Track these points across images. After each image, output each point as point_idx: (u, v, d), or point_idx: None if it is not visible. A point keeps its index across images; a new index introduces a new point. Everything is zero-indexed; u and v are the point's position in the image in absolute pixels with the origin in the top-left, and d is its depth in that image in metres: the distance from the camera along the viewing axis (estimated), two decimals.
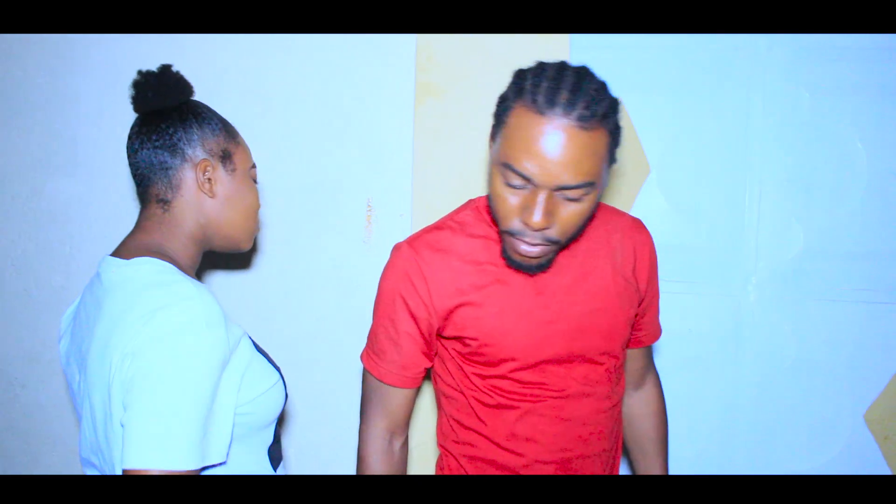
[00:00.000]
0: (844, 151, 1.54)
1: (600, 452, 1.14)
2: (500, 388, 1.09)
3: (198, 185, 1.00)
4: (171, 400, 0.81)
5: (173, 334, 0.84)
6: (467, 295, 1.06)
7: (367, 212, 1.58)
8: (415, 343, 1.10)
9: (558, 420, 1.10)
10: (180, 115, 1.01)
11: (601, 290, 1.09)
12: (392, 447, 1.14)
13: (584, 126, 0.90)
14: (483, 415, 1.11)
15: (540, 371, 1.08)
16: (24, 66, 1.70)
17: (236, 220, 1.05)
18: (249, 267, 1.65)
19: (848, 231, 1.54)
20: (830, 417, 1.57)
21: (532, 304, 1.06)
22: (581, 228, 0.99)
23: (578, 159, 0.90)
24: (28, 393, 1.76)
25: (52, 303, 1.73)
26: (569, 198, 0.93)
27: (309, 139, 1.60)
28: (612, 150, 0.96)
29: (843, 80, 1.53)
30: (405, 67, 1.54)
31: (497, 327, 1.06)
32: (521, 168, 0.92)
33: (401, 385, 1.12)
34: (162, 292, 0.87)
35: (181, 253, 1.00)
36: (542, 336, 1.07)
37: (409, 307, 1.08)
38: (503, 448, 1.11)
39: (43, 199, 1.72)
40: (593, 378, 1.11)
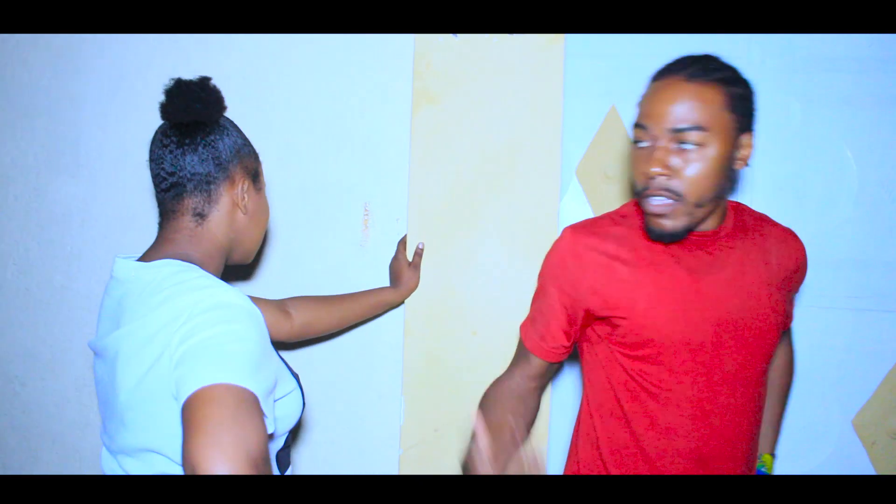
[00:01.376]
0: (835, 161, 1.56)
1: (740, 456, 1.16)
2: (646, 372, 1.13)
3: (234, 201, 1.03)
4: (230, 346, 0.82)
5: (224, 305, 0.86)
6: (620, 276, 1.13)
7: (364, 216, 1.61)
8: (557, 319, 1.19)
9: (700, 413, 1.12)
10: (225, 130, 1.02)
11: (755, 291, 1.14)
12: (521, 387, 1.22)
13: (692, 79, 1.04)
14: (625, 401, 1.15)
15: (689, 358, 1.11)
16: (28, 68, 1.73)
17: (256, 235, 1.09)
18: (246, 271, 1.67)
19: (838, 239, 1.56)
20: (819, 422, 1.59)
21: (686, 289, 1.11)
22: (708, 188, 1.05)
23: (685, 103, 1.03)
24: (28, 391, 1.78)
25: (53, 302, 1.75)
26: (684, 147, 1.03)
27: (306, 144, 1.62)
28: (738, 111, 1.05)
29: (835, 90, 1.55)
30: (402, 73, 1.56)
31: (648, 307, 1.11)
32: (640, 119, 1.08)
33: (536, 353, 1.21)
34: (199, 281, 0.90)
35: (208, 264, 1.01)
36: (693, 320, 1.10)
37: (561, 286, 1.17)
38: (642, 437, 1.14)
39: (46, 200, 1.74)
40: (745, 376, 1.14)
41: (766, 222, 1.22)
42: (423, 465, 1.55)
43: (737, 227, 1.17)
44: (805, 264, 1.23)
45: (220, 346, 0.81)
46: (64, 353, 1.75)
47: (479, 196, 1.53)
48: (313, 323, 1.44)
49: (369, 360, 1.62)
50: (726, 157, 1.05)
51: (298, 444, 1.66)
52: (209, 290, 0.88)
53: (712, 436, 1.12)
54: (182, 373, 0.80)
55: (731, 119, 1.04)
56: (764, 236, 1.19)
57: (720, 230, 1.14)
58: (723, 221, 1.15)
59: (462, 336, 1.53)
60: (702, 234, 1.13)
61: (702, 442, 1.12)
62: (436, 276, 1.54)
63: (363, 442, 1.63)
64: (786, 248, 1.20)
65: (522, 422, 1.20)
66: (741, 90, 1.06)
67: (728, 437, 1.13)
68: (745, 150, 1.08)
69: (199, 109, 0.99)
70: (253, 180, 1.07)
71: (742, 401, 1.14)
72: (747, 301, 1.13)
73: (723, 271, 1.13)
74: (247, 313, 0.88)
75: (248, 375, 0.80)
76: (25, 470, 1.79)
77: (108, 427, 0.98)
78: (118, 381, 0.91)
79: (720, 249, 1.14)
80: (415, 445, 1.55)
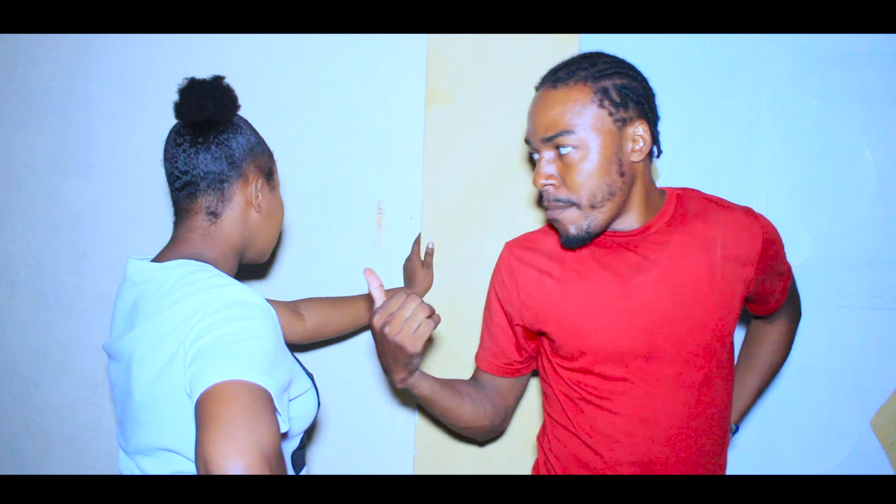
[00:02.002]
0: (852, 158, 1.54)
1: (691, 460, 1.11)
2: (584, 382, 1.13)
3: (248, 200, 1.02)
4: (245, 343, 0.82)
5: (238, 303, 0.86)
6: (549, 290, 1.13)
7: (378, 215, 1.60)
8: (504, 334, 1.21)
9: (639, 420, 1.10)
10: (238, 129, 1.02)
11: (692, 284, 1.09)
12: (481, 393, 1.23)
13: (557, 84, 1.04)
14: (570, 410, 1.15)
15: (622, 365, 1.09)
16: (39, 69, 1.72)
17: (270, 234, 1.09)
18: (260, 270, 1.66)
19: (855, 238, 1.55)
20: (836, 423, 1.57)
21: (613, 296, 1.09)
22: (597, 188, 1.04)
23: (551, 110, 1.04)
24: (41, 392, 1.78)
25: (66, 303, 1.75)
26: (562, 152, 1.04)
27: (320, 142, 1.61)
28: (614, 105, 1.03)
29: (851, 86, 1.54)
30: (416, 71, 1.55)
31: (576, 319, 1.11)
32: (525, 135, 1.10)
33: (489, 370, 1.24)
34: (213, 280, 0.89)
35: (222, 263, 1.01)
36: (621, 327, 1.09)
37: (501, 301, 1.20)
38: (587, 445, 1.13)
39: (57, 201, 1.74)
40: (687, 379, 1.09)
41: (715, 208, 1.13)
42: (438, 465, 1.54)
43: (673, 220, 1.11)
44: (771, 240, 1.14)
45: (235, 344, 0.81)
46: (77, 354, 1.75)
47: (493, 194, 1.52)
48: (325, 325, 1.43)
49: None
50: (611, 154, 1.03)
51: (313, 445, 1.66)
52: (224, 289, 0.88)
53: (654, 442, 1.10)
54: (196, 370, 0.79)
55: (603, 115, 1.02)
56: (708, 223, 1.11)
57: (649, 227, 1.10)
58: (653, 217, 1.10)
59: (477, 335, 1.52)
60: (627, 233, 1.10)
61: (644, 448, 1.10)
62: (450, 275, 1.53)
63: (377, 442, 1.62)
64: (735, 232, 1.11)
65: (466, 392, 1.20)
66: (619, 80, 1.03)
67: (671, 443, 1.10)
68: (636, 141, 1.04)
69: (212, 108, 0.99)
70: (267, 179, 1.06)
71: (686, 404, 1.10)
72: (684, 298, 1.08)
73: (653, 270, 1.09)
74: (261, 311, 0.87)
75: (263, 372, 0.79)
76: (39, 470, 1.79)
77: (124, 429, 0.98)
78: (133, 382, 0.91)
79: (650, 247, 1.10)
80: (429, 446, 1.55)
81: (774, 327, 1.33)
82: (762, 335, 1.34)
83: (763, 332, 1.34)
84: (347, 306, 1.47)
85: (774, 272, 1.18)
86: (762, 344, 1.33)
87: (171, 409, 0.88)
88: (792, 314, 1.33)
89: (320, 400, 1.08)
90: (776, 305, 1.25)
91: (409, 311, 0.97)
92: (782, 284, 1.23)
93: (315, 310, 1.42)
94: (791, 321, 1.34)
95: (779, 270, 1.20)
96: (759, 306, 1.25)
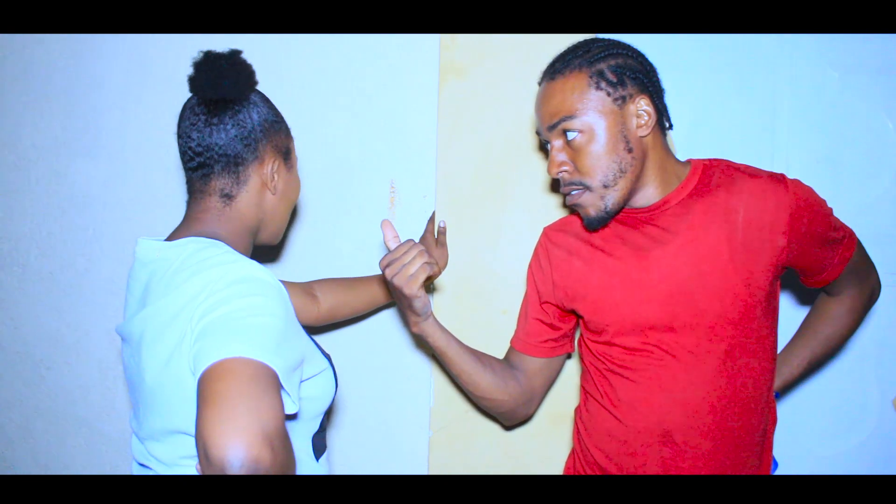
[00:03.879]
0: (874, 132, 1.52)
1: (714, 432, 1.11)
2: (609, 354, 1.17)
3: (264, 182, 0.99)
4: (251, 319, 0.79)
5: (247, 279, 0.83)
6: (577, 268, 1.20)
7: (391, 193, 1.58)
8: (537, 313, 1.28)
9: (658, 389, 1.12)
10: (256, 109, 0.98)
11: (711, 253, 1.09)
12: (510, 372, 1.29)
13: (555, 76, 1.10)
14: (599, 381, 1.20)
15: (643, 336, 1.13)
16: (46, 50, 1.70)
17: (284, 214, 1.07)
18: (272, 249, 1.65)
19: (878, 213, 1.52)
20: (858, 402, 1.55)
21: (633, 269, 1.13)
22: (606, 168, 1.07)
23: (552, 100, 1.09)
24: (53, 375, 1.77)
25: (77, 285, 1.74)
26: (569, 138, 1.08)
27: (332, 120, 1.59)
28: (611, 84, 1.06)
29: (873, 59, 1.51)
30: (429, 46, 1.52)
31: (599, 295, 1.16)
32: (536, 127, 1.16)
33: (521, 349, 1.30)
34: (223, 256, 0.87)
35: (236, 242, 0.99)
36: (641, 299, 1.12)
37: (536, 283, 1.28)
38: (612, 415, 1.17)
39: (66, 183, 1.73)
40: (707, 349, 1.10)
41: (741, 176, 1.11)
42: (453, 447, 1.53)
43: (696, 191, 1.12)
44: (803, 206, 1.09)
45: (241, 320, 0.78)
46: (88, 337, 1.74)
47: (509, 172, 1.49)
48: (341, 306, 1.41)
49: (398, 342, 1.60)
50: (616, 132, 1.07)
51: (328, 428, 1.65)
52: (234, 265, 0.85)
53: (673, 410, 1.12)
54: (199, 347, 0.77)
55: (601, 96, 1.07)
56: (732, 192, 1.09)
57: (669, 199, 1.12)
58: (673, 189, 1.12)
59: (492, 316, 1.50)
60: (647, 208, 1.13)
61: (661, 416, 1.12)
62: (464, 255, 1.51)
63: (393, 424, 1.61)
64: (759, 199, 1.08)
65: (489, 363, 1.27)
66: (613, 61, 1.08)
67: (692, 412, 1.11)
68: (640, 116, 1.08)
69: (227, 87, 0.96)
70: (284, 158, 1.03)
71: (707, 375, 1.10)
72: (702, 267, 1.09)
73: (672, 242, 1.11)
74: (271, 287, 0.85)
75: (269, 350, 0.76)
76: (52, 453, 1.79)
77: (137, 413, 0.97)
78: (144, 364, 0.89)
79: (670, 219, 1.12)
80: (445, 427, 1.53)
81: (837, 300, 1.25)
82: (821, 307, 1.28)
83: (823, 303, 1.28)
84: (363, 287, 1.45)
85: (818, 241, 1.13)
86: (819, 316, 1.28)
87: (182, 390, 0.86)
88: (860, 288, 1.24)
89: (338, 381, 1.06)
90: (831, 276, 1.19)
91: (409, 258, 1.09)
92: (838, 256, 1.17)
93: (330, 291, 1.40)
94: (858, 297, 1.24)
95: (825, 239, 1.13)
96: (811, 278, 1.20)
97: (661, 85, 1.13)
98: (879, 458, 1.55)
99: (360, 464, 1.63)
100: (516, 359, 1.31)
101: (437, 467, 1.53)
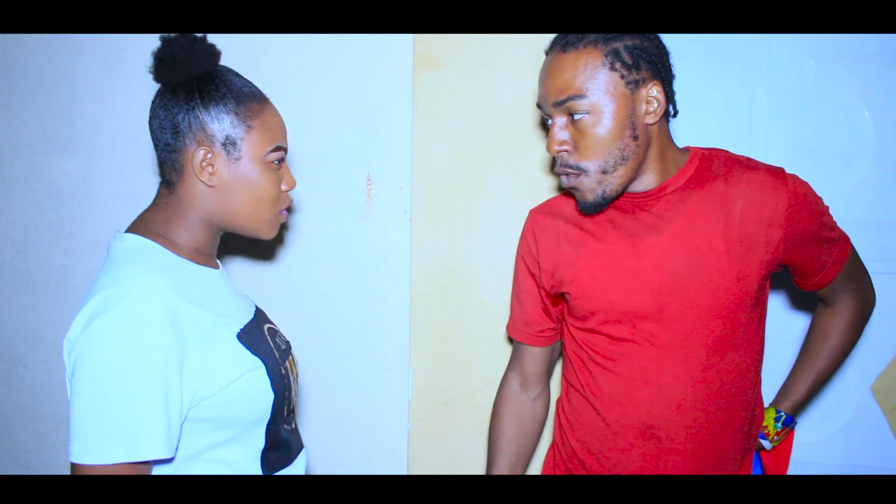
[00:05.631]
0: (851, 120, 1.51)
1: (696, 427, 1.09)
2: (592, 343, 1.14)
3: (195, 173, 0.95)
4: (99, 396, 0.81)
5: (104, 342, 0.82)
6: (565, 252, 1.15)
7: (368, 186, 1.57)
8: (534, 300, 1.23)
9: (642, 382, 1.09)
10: (187, 94, 0.94)
11: (705, 244, 1.06)
12: (521, 396, 1.28)
13: (567, 48, 1.03)
14: (580, 372, 1.17)
15: (629, 326, 1.09)
16: (20, 45, 1.69)
17: (244, 210, 0.98)
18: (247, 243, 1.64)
19: (855, 200, 1.52)
20: (837, 389, 1.55)
21: (624, 256, 1.09)
22: (609, 153, 1.02)
23: (562, 74, 1.02)
24: (31, 374, 1.76)
25: (54, 283, 1.73)
26: (575, 118, 1.02)
27: (306, 113, 1.58)
28: (626, 66, 1.01)
29: (850, 47, 1.51)
30: (404, 39, 1.52)
31: (587, 279, 1.12)
32: (537, 100, 1.08)
33: (524, 340, 1.26)
34: (107, 292, 0.84)
35: (185, 236, 0.96)
36: (630, 286, 1.08)
37: (528, 267, 1.22)
38: (592, 407, 1.15)
39: (43, 179, 1.71)
40: (695, 342, 1.07)
41: (740, 167, 1.09)
42: (433, 439, 1.52)
43: (693, 179, 1.08)
44: (801, 202, 1.07)
45: (92, 406, 0.80)
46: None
47: (485, 163, 1.49)
48: None
49: (375, 333, 1.59)
50: (622, 118, 1.01)
51: (305, 421, 1.64)
52: (104, 302, 0.83)
53: (657, 404, 1.09)
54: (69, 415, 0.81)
55: (614, 77, 1.01)
56: (730, 183, 1.07)
57: (665, 186, 1.08)
58: (671, 176, 1.08)
59: (470, 306, 1.50)
60: (643, 194, 1.08)
61: (644, 411, 1.10)
62: (441, 246, 1.50)
63: (371, 417, 1.60)
64: (757, 191, 1.05)
65: (522, 452, 1.28)
66: (630, 41, 1.01)
67: (676, 408, 1.08)
68: (650, 103, 1.03)
69: (162, 71, 0.95)
70: (225, 149, 0.95)
71: (693, 369, 1.07)
72: (695, 257, 1.05)
73: (666, 230, 1.07)
74: (136, 331, 0.82)
75: (120, 439, 0.80)
76: (32, 453, 1.78)
77: None
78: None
79: (666, 207, 1.08)
80: (424, 419, 1.53)
81: (835, 313, 1.22)
82: (820, 321, 1.24)
83: (821, 318, 1.24)
84: None
85: (814, 238, 1.10)
86: (819, 330, 1.23)
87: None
88: (854, 299, 1.21)
89: (287, 379, 1.00)
90: (827, 279, 1.16)
91: None
92: (834, 256, 1.14)
93: None
94: (854, 308, 1.21)
95: (821, 237, 1.11)
96: (806, 279, 1.17)
97: (673, 70, 1.07)
98: (859, 445, 1.55)
99: (337, 459, 1.63)
100: (519, 348, 1.28)
101: (416, 460, 1.53)
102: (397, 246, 1.56)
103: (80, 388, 0.81)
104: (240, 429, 0.92)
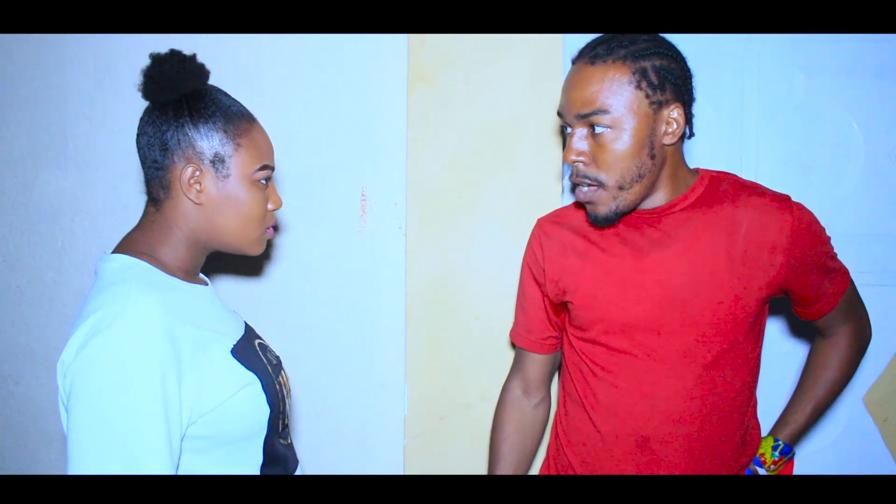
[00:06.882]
0: (840, 133, 1.54)
1: (692, 443, 1.10)
2: (591, 353, 1.16)
3: (182, 190, 0.95)
4: (98, 416, 0.81)
5: (102, 363, 0.81)
6: (571, 261, 1.17)
7: (362, 201, 1.57)
8: (537, 307, 1.24)
9: (639, 395, 1.11)
10: (176, 112, 0.95)
11: (708, 262, 1.07)
12: (522, 403, 1.29)
13: (595, 61, 1.03)
14: (578, 382, 1.18)
15: (629, 338, 1.11)
16: (13, 59, 1.68)
17: (231, 227, 0.98)
18: (241, 260, 1.63)
19: (845, 213, 1.54)
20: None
21: (628, 269, 1.11)
22: (627, 170, 1.03)
23: (588, 87, 1.02)
24: (22, 390, 1.74)
25: (45, 299, 1.71)
26: (596, 131, 1.03)
27: (301, 128, 1.58)
28: (652, 86, 1.02)
29: (839, 61, 1.53)
30: (398, 53, 1.52)
31: (591, 289, 1.14)
32: (558, 108, 1.08)
33: (526, 347, 1.27)
34: (101, 313, 0.84)
35: (170, 255, 0.96)
36: (632, 299, 1.10)
37: (533, 274, 1.24)
38: (589, 418, 1.16)
39: (34, 194, 1.70)
40: (693, 358, 1.08)
41: (748, 193, 1.11)
42: (429, 454, 1.52)
43: (702, 199, 1.10)
44: (805, 230, 1.08)
45: (94, 423, 0.81)
46: (57, 351, 1.71)
47: (479, 178, 1.49)
48: None
49: (371, 349, 1.59)
50: (644, 137, 1.02)
51: (300, 436, 1.63)
52: (98, 323, 0.83)
53: (653, 417, 1.10)
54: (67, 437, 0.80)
55: (640, 96, 1.02)
56: (737, 206, 1.09)
57: (675, 203, 1.09)
58: (680, 195, 1.10)
59: (465, 321, 1.50)
60: (652, 210, 1.10)
61: (640, 423, 1.11)
62: (436, 261, 1.50)
63: (367, 433, 1.60)
64: (763, 216, 1.07)
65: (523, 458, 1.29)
66: (658, 62, 1.02)
67: (671, 419, 1.10)
68: (670, 124, 1.04)
69: (152, 89, 0.95)
70: (214, 167, 0.95)
71: (689, 384, 1.09)
72: (698, 275, 1.07)
73: (671, 247, 1.09)
74: (133, 350, 0.82)
75: (122, 460, 0.79)
76: (23, 470, 1.75)
77: None
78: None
79: (672, 224, 1.10)
80: (420, 435, 1.53)
81: (832, 344, 1.22)
82: (817, 350, 1.25)
83: (819, 347, 1.25)
84: None
85: (815, 266, 1.11)
86: (816, 359, 1.24)
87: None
88: (852, 331, 1.21)
89: (280, 394, 1.00)
90: (826, 308, 1.16)
91: None
92: (834, 286, 1.15)
93: None
94: (852, 339, 1.21)
95: (822, 266, 1.12)
96: (806, 308, 1.18)
97: (695, 93, 1.09)
98: (852, 455, 1.57)
99: (333, 474, 1.62)
100: (522, 355, 1.29)
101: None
102: (392, 261, 1.56)
103: (79, 409, 0.81)
104: (237, 445, 0.93)
